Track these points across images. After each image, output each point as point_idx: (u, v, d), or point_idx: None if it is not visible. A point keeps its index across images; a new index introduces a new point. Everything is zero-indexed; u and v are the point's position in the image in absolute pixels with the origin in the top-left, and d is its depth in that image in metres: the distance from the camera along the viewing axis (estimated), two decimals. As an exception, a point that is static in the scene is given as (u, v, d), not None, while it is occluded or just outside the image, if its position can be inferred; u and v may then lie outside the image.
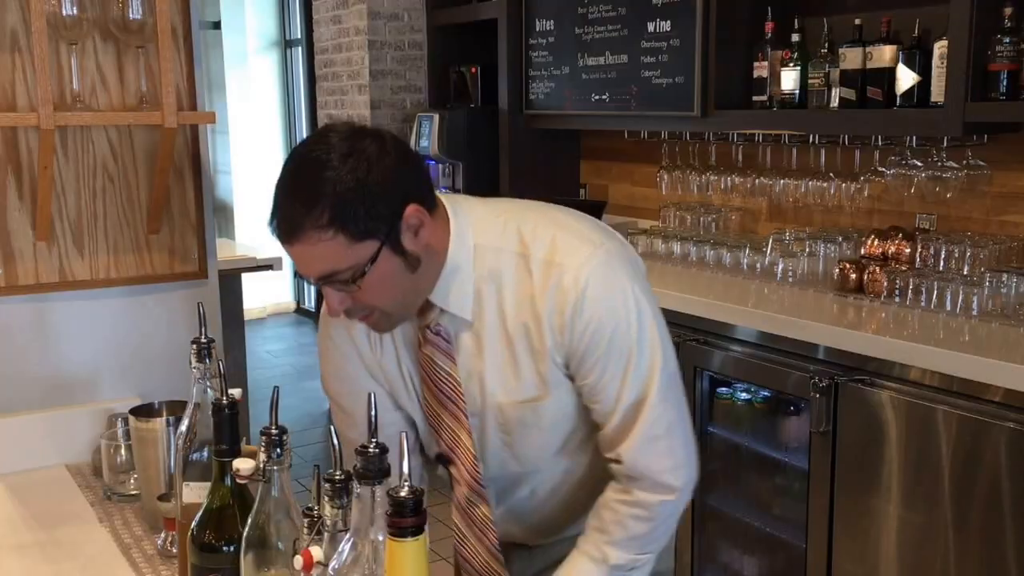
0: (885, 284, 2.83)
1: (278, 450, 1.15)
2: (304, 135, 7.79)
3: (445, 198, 1.48)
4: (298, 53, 7.76)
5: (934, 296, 2.70)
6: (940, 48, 2.71)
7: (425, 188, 1.40)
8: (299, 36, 7.68)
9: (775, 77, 3.25)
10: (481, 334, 1.47)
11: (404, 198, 1.35)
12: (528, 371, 1.47)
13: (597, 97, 3.88)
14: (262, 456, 1.16)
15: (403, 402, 1.57)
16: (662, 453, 1.47)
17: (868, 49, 2.92)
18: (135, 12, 1.95)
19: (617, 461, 1.48)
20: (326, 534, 1.08)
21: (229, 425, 1.25)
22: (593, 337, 1.42)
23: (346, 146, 1.32)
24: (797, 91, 3.16)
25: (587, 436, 1.55)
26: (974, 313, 2.61)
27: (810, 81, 3.12)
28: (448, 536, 1.74)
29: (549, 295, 1.42)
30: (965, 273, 2.75)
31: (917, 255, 2.89)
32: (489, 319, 1.46)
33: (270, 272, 4.40)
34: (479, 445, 1.53)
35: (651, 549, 1.52)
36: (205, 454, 1.36)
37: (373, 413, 1.08)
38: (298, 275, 8.11)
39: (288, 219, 1.32)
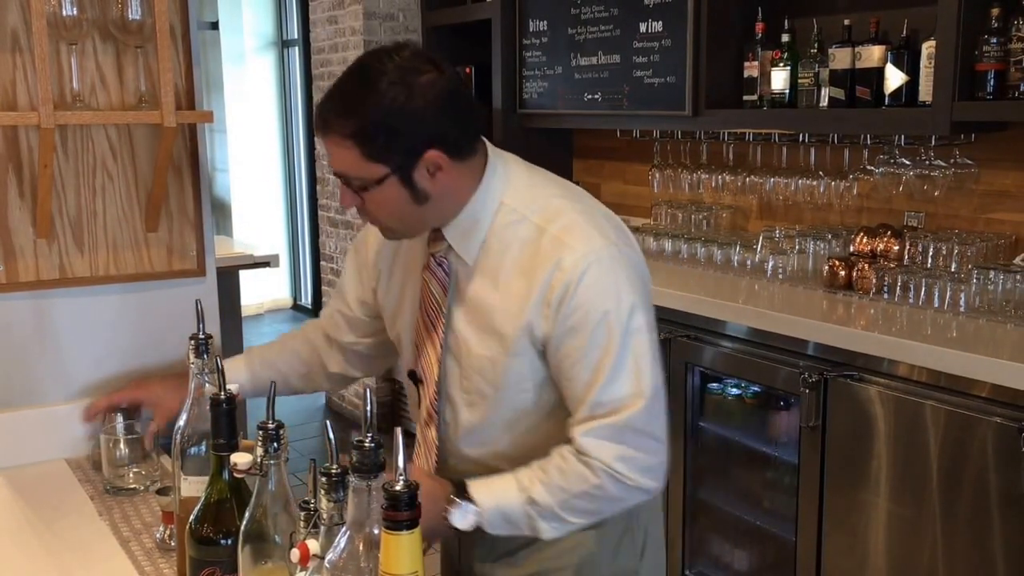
0: (874, 281, 2.86)
1: (275, 444, 1.17)
2: (301, 134, 7.80)
3: (495, 154, 1.56)
4: (295, 53, 7.76)
5: (922, 293, 2.73)
6: (928, 48, 2.73)
7: (460, 137, 1.48)
8: (296, 36, 7.68)
9: (765, 77, 3.27)
10: (474, 279, 1.54)
11: (430, 141, 1.43)
12: (497, 329, 1.51)
13: (590, 96, 3.90)
14: (259, 450, 1.17)
15: (393, 322, 1.71)
16: (632, 449, 1.47)
17: (857, 49, 2.95)
18: (134, 12, 1.95)
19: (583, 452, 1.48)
20: (322, 527, 1.09)
21: (227, 420, 1.27)
22: (580, 322, 1.45)
23: (401, 73, 1.41)
24: (787, 91, 3.19)
25: (535, 427, 1.56)
26: (961, 309, 2.64)
27: (800, 81, 3.14)
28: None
29: (549, 269, 1.46)
30: (952, 270, 2.77)
31: (905, 252, 2.92)
32: (487, 270, 1.53)
33: (267, 269, 4.42)
34: (443, 375, 1.60)
35: (575, 516, 1.49)
36: (203, 448, 1.38)
37: (369, 409, 1.10)
38: (295, 270, 8.12)
39: (323, 116, 1.45)
